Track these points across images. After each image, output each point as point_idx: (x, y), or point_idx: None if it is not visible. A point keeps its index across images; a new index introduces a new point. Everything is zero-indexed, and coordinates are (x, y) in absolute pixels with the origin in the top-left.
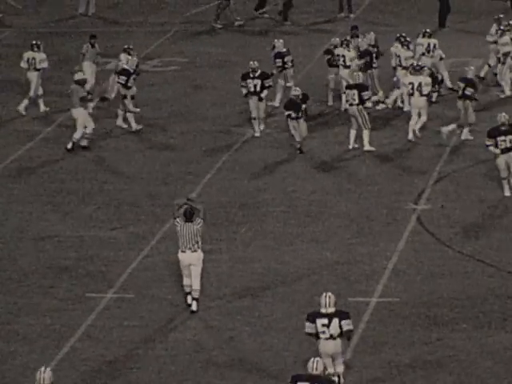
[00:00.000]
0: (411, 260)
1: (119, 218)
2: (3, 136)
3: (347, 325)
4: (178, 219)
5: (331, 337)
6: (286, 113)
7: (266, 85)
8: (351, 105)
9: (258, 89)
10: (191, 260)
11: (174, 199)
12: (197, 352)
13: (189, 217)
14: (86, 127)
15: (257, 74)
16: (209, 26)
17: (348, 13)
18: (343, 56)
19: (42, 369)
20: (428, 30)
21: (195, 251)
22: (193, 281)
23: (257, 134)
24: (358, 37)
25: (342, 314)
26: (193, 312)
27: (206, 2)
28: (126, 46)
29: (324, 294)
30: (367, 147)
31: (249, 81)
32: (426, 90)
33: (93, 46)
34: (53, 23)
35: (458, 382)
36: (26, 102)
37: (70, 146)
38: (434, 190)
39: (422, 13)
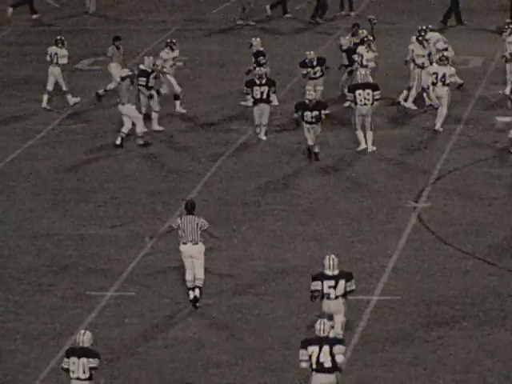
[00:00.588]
0: (411, 258)
1: (120, 215)
2: (4, 134)
3: (351, 286)
4: (173, 223)
5: (336, 297)
6: (293, 115)
7: (273, 90)
8: (365, 104)
9: (265, 96)
10: (192, 252)
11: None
12: (197, 350)
13: (190, 209)
14: (123, 126)
15: (264, 81)
16: (208, 24)
17: (349, 11)
18: (361, 55)
19: (82, 331)
20: (423, 27)
21: (196, 244)
22: (196, 271)
23: (259, 137)
24: (357, 35)
25: (347, 276)
26: (195, 298)
27: (225, 0)
28: (168, 40)
29: (328, 257)
30: (371, 148)
31: (256, 88)
32: (449, 80)
33: (118, 47)
34: (53, 22)
35: (459, 380)
36: (68, 96)
37: (141, 142)
38: (434, 188)
39: (424, 10)
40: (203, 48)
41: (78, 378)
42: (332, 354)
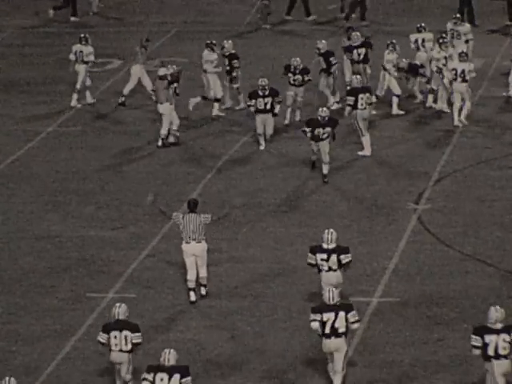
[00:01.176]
0: (412, 260)
1: (120, 217)
2: (4, 135)
3: (346, 258)
4: (175, 214)
5: (330, 269)
6: (303, 129)
7: (277, 100)
8: (365, 108)
9: (269, 106)
10: (195, 251)
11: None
12: (198, 351)
13: (192, 207)
14: (171, 123)
15: (267, 92)
16: (209, 26)
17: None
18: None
19: (118, 304)
20: (423, 25)
21: (200, 242)
22: (199, 270)
23: (262, 148)
24: (351, 38)
25: (341, 250)
26: (202, 296)
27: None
28: (208, 41)
29: (327, 230)
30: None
31: (259, 99)
32: (469, 76)
33: (146, 48)
34: (53, 23)
35: (459, 381)
36: (75, 96)
37: (159, 143)
38: (434, 190)
39: (424, 12)
40: (203, 50)
41: (121, 350)
42: (347, 320)
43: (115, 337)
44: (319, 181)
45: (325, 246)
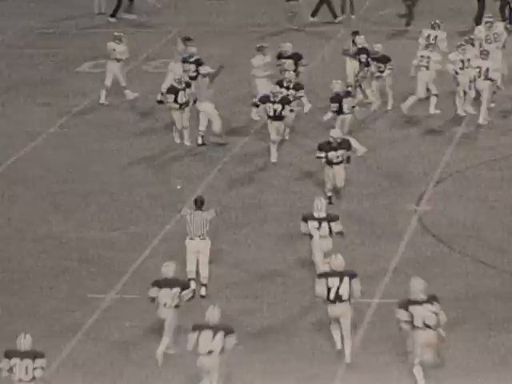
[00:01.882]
0: (412, 261)
1: (120, 218)
2: (5, 136)
3: (336, 226)
4: (184, 209)
5: (322, 236)
6: (317, 154)
7: (289, 109)
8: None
9: (278, 113)
10: (199, 247)
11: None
12: None
13: (199, 205)
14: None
15: (278, 99)
16: (210, 27)
17: (350, 14)
18: (428, 57)
19: (166, 263)
20: (437, 21)
21: (204, 239)
22: (201, 269)
23: (274, 160)
24: (355, 43)
25: (331, 218)
26: (202, 297)
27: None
28: (258, 45)
29: (316, 199)
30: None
31: (269, 105)
32: (491, 74)
33: (186, 47)
34: (54, 23)
35: (459, 383)
36: (127, 91)
37: (220, 139)
38: (435, 191)
39: (425, 13)
40: (204, 51)
41: (165, 305)
42: (350, 286)
43: (165, 293)
44: (319, 182)
45: (316, 214)
